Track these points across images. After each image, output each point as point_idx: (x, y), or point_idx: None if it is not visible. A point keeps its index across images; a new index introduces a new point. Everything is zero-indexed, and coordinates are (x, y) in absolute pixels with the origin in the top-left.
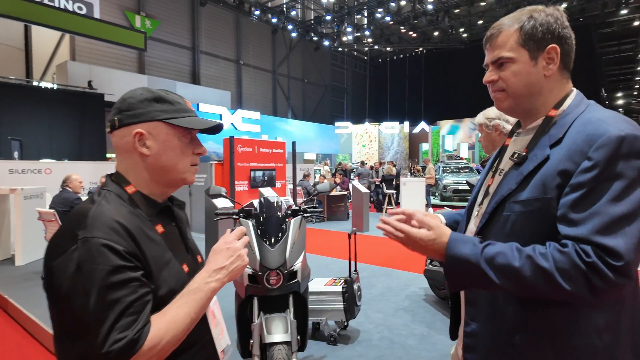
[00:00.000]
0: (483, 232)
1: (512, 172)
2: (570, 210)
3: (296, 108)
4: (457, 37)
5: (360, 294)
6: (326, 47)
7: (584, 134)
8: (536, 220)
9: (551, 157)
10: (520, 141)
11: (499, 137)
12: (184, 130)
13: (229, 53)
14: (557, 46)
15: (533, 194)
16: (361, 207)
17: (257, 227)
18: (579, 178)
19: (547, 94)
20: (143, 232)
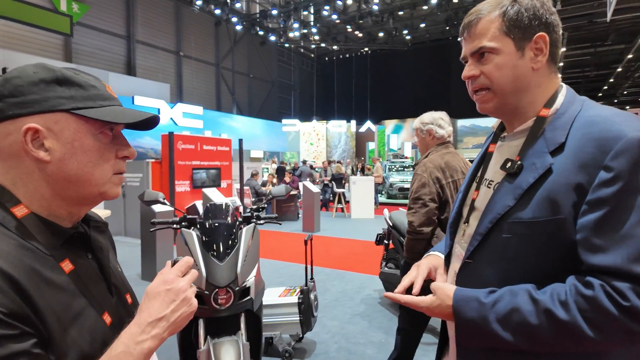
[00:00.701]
0: (474, 257)
1: (506, 185)
2: (593, 233)
3: (241, 103)
4: (401, 39)
5: (317, 304)
6: (272, 42)
7: (593, 137)
8: (546, 245)
9: (555, 166)
10: (507, 147)
11: (432, 141)
12: (102, 125)
13: (168, 44)
14: (546, 34)
15: (541, 214)
16: (312, 207)
17: (201, 237)
18: (599, 193)
19: (535, 91)
20: (38, 276)
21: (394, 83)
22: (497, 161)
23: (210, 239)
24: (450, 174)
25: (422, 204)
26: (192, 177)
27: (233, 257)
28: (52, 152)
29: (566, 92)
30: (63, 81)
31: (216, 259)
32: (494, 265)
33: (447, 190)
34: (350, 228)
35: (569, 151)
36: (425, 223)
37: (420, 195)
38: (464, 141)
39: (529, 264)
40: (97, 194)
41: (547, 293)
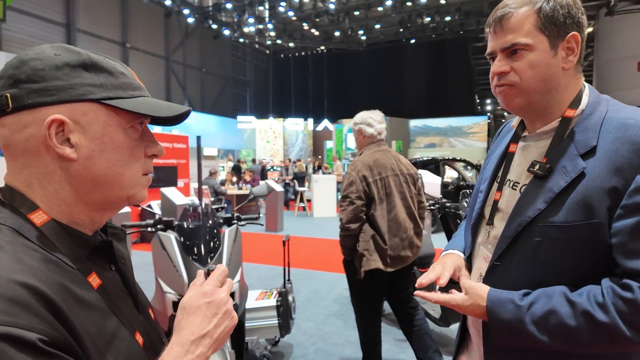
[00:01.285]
0: (502, 260)
1: (535, 188)
2: (631, 238)
3: (194, 99)
4: (357, 39)
5: (295, 306)
6: (226, 36)
7: (628, 141)
8: (580, 248)
9: (588, 170)
10: (533, 148)
11: (364, 140)
12: (133, 119)
13: (113, 34)
14: (578, 34)
15: (575, 218)
16: (275, 206)
17: (181, 240)
18: (637, 198)
19: (563, 91)
20: (70, 295)
21: (351, 82)
22: (520, 162)
23: (191, 242)
24: (379, 171)
25: (350, 201)
26: None
27: (217, 261)
28: (79, 148)
29: (590, 92)
30: (91, 66)
31: (198, 264)
32: (524, 269)
33: (373, 187)
34: (313, 227)
35: (601, 154)
36: (353, 220)
37: (348, 194)
38: (416, 140)
39: (561, 268)
40: (125, 198)
41: (583, 295)
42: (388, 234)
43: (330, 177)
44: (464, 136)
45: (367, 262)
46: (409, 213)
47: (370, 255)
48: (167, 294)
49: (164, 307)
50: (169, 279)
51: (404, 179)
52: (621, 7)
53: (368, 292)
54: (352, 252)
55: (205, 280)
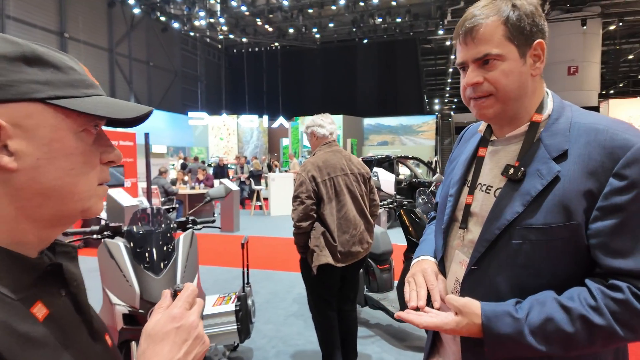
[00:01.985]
0: (481, 264)
1: (510, 192)
2: (612, 238)
3: (140, 94)
4: (311, 37)
5: (254, 309)
6: (176, 30)
7: (600, 145)
8: (559, 249)
9: (562, 174)
10: (503, 152)
11: (317, 141)
12: (86, 121)
13: (49, 22)
14: (543, 41)
15: (554, 220)
16: (231, 205)
17: (131, 248)
18: (614, 200)
19: (531, 97)
20: (10, 332)
21: (305, 80)
22: (492, 166)
23: (143, 249)
24: (328, 172)
25: (300, 201)
26: None
27: (171, 269)
28: (22, 157)
29: (553, 97)
30: (33, 60)
31: (151, 272)
32: (503, 272)
33: (322, 187)
34: (270, 226)
35: (574, 158)
36: (303, 218)
37: (298, 194)
38: (370, 138)
39: (541, 269)
40: (79, 211)
41: (575, 299)
42: (338, 231)
43: (287, 175)
44: (414, 134)
45: (318, 258)
46: (359, 210)
47: (320, 251)
48: (116, 306)
49: (113, 321)
50: (119, 290)
51: (355, 178)
52: (553, 15)
53: (322, 288)
54: (305, 250)
55: (172, 302)
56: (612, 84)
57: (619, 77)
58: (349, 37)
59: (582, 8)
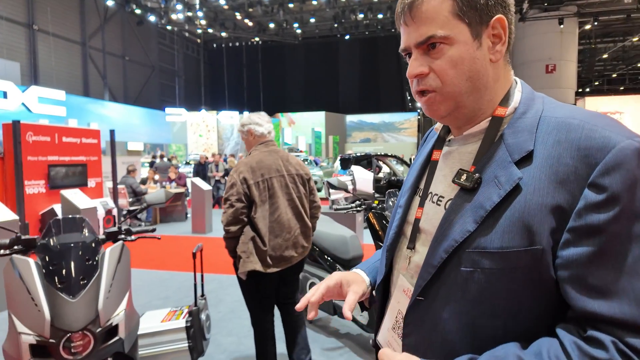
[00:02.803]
0: (427, 294)
1: (462, 204)
2: (588, 271)
3: (115, 89)
4: (292, 33)
5: (209, 324)
6: (152, 23)
7: (572, 146)
8: (520, 282)
9: (525, 182)
10: (458, 155)
11: (254, 140)
12: None
13: (15, 14)
14: (504, 17)
15: (512, 243)
16: (203, 205)
17: (43, 265)
18: (590, 219)
19: (493, 87)
20: None
21: (287, 76)
22: (445, 172)
23: (58, 266)
24: (261, 173)
25: (230, 204)
26: (49, 176)
27: (92, 289)
28: None
29: (522, 87)
30: None
31: (66, 294)
32: (452, 306)
33: (254, 189)
34: None
35: (541, 162)
36: (233, 222)
37: (228, 196)
38: (352, 135)
39: (497, 307)
40: None
41: (542, 354)
42: (269, 235)
43: None
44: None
45: (244, 264)
46: (295, 213)
47: (247, 257)
48: (22, 335)
49: (17, 353)
50: (26, 316)
51: (292, 180)
52: (532, 14)
53: (255, 292)
54: (235, 254)
55: None
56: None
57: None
58: (331, 33)
59: (559, 7)
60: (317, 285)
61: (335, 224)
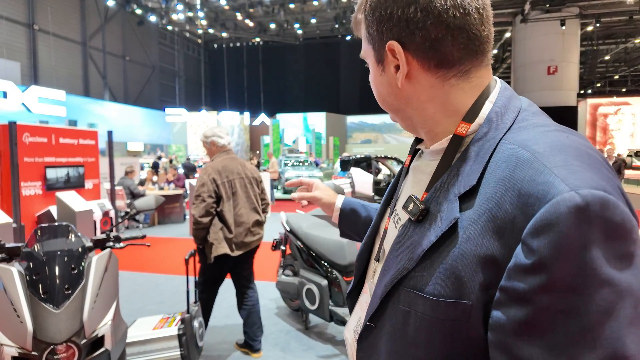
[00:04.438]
0: (377, 321)
1: (406, 236)
2: (514, 340)
3: (116, 89)
4: (292, 33)
5: (203, 331)
6: (153, 23)
7: (514, 188)
8: (450, 335)
9: (462, 224)
10: (420, 172)
11: (216, 149)
12: None
13: (16, 13)
14: (397, 42)
15: (443, 290)
16: None
17: (27, 274)
18: (518, 284)
19: (424, 106)
20: None
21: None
22: (408, 189)
23: (41, 275)
24: (226, 175)
25: (202, 199)
26: (46, 177)
27: (77, 299)
28: None
29: (498, 97)
30: None
31: (50, 304)
32: (392, 344)
33: (222, 188)
34: None
35: (482, 202)
36: (204, 215)
37: (200, 193)
38: (353, 136)
39: (430, 355)
40: None
41: None
42: (234, 225)
43: (263, 175)
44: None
45: (216, 249)
46: (252, 208)
47: (219, 243)
48: (4, 347)
49: None
50: (8, 327)
51: (249, 181)
52: (534, 15)
53: (215, 272)
54: (204, 242)
55: None
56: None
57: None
58: (332, 33)
59: (561, 9)
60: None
61: (332, 229)
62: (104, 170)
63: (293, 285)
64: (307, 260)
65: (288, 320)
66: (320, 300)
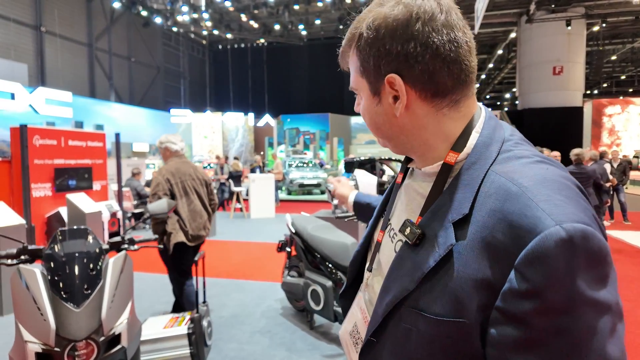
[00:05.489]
0: (379, 337)
1: (405, 258)
2: (513, 354)
3: (121, 90)
4: (297, 34)
5: (211, 330)
6: (158, 25)
7: (506, 219)
8: (451, 352)
9: (457, 250)
10: (413, 192)
11: (170, 154)
12: None
13: (23, 15)
14: (397, 75)
15: (443, 310)
16: None
17: (49, 275)
18: (515, 306)
19: (417, 134)
20: None
21: (292, 77)
22: (402, 206)
23: (62, 276)
24: (179, 176)
25: (158, 197)
26: (55, 179)
27: (95, 299)
28: None
29: (484, 127)
30: None
31: (71, 303)
32: (394, 358)
33: (175, 187)
34: (250, 229)
35: (475, 230)
36: None
37: (156, 192)
38: (357, 137)
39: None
40: None
41: None
42: (188, 220)
43: (267, 176)
44: None
45: (175, 237)
46: (203, 206)
47: (176, 232)
48: (28, 344)
49: (23, 357)
50: (32, 325)
51: (199, 182)
52: (539, 15)
53: (178, 262)
54: (163, 235)
55: None
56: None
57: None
58: (336, 34)
59: (567, 9)
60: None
61: (336, 231)
62: (111, 171)
63: (298, 286)
64: (312, 262)
65: (293, 320)
66: (325, 300)
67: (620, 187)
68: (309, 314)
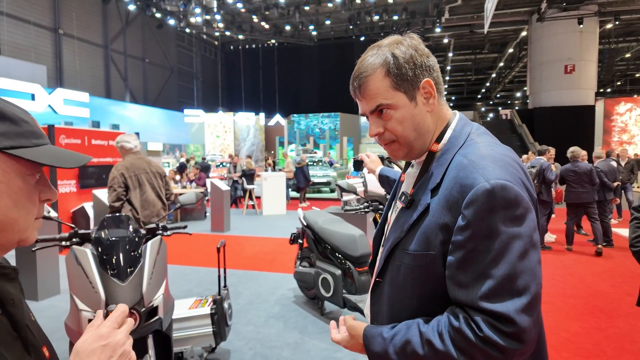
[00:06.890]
0: (383, 277)
1: (400, 217)
2: (457, 271)
3: (136, 91)
4: (307, 34)
5: (231, 312)
6: (171, 26)
7: (458, 182)
8: (423, 276)
9: (431, 206)
10: (410, 177)
11: (126, 152)
12: (34, 167)
13: (42, 19)
14: (429, 79)
15: (419, 247)
16: (221, 205)
17: (98, 254)
18: (458, 237)
19: (433, 130)
20: None
21: (302, 77)
22: (403, 188)
23: (109, 256)
24: (133, 170)
25: (113, 189)
26: (80, 176)
27: (137, 276)
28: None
29: (456, 125)
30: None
31: (117, 279)
32: (393, 288)
33: (129, 180)
34: (262, 225)
35: (442, 192)
36: (116, 200)
37: (112, 184)
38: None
39: (413, 291)
40: (16, 241)
41: (430, 324)
42: (140, 209)
43: (279, 174)
44: None
45: None
46: (157, 196)
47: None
48: (82, 312)
49: (79, 326)
50: (85, 296)
51: (153, 175)
52: (550, 14)
53: None
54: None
55: (103, 322)
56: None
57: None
58: (346, 34)
59: (579, 7)
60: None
61: (345, 224)
62: None
63: (310, 275)
64: (322, 253)
65: (305, 307)
66: (335, 288)
67: (628, 186)
68: (319, 301)
